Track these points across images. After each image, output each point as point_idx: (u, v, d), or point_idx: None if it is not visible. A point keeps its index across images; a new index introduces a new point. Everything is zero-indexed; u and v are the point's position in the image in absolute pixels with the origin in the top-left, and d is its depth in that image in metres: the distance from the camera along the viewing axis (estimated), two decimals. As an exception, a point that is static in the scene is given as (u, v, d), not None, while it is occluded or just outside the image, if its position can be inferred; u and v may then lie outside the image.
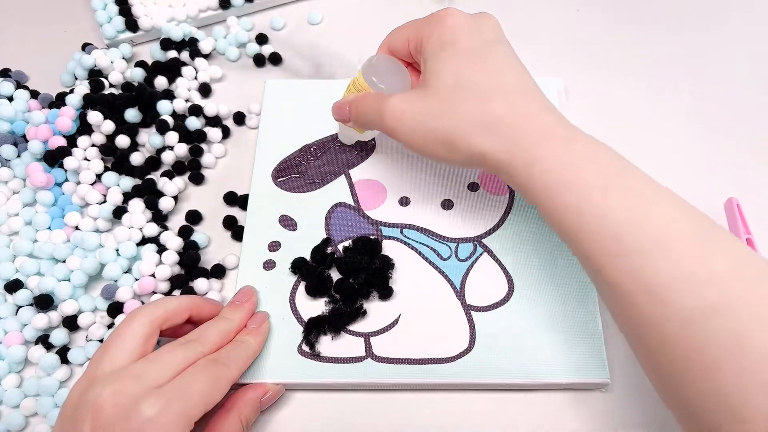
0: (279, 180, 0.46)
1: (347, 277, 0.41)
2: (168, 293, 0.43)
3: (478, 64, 0.34)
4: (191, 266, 0.44)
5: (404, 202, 0.45)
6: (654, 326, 0.28)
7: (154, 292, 0.43)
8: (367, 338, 0.39)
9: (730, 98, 0.51)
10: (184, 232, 0.45)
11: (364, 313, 0.40)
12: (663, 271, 0.27)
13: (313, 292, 0.41)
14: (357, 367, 0.38)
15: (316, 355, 0.39)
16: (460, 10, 0.36)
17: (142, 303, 0.42)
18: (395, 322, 0.40)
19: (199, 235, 0.45)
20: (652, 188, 0.30)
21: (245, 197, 0.46)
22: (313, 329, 0.39)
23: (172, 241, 0.44)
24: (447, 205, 0.45)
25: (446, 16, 0.35)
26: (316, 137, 0.48)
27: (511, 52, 0.36)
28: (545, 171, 0.31)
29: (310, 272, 0.41)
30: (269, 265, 0.42)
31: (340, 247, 0.43)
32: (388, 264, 0.41)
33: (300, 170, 0.46)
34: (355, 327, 0.40)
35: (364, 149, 0.47)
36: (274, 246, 0.43)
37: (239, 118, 0.51)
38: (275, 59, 0.54)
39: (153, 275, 0.43)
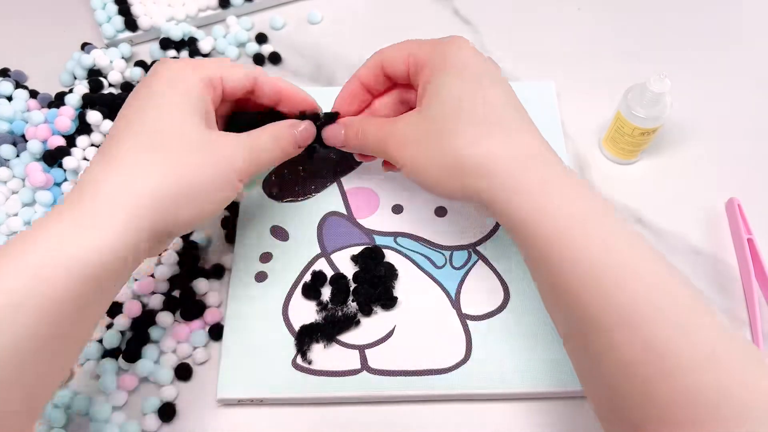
0: (273, 192, 0.45)
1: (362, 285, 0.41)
2: (167, 293, 0.43)
3: (480, 95, 0.33)
4: (191, 266, 0.44)
5: (397, 209, 0.44)
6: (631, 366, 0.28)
7: (153, 293, 0.43)
8: (362, 350, 0.39)
9: (731, 98, 0.51)
10: (184, 233, 0.45)
11: (358, 322, 0.40)
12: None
13: (336, 298, 0.41)
14: (352, 379, 0.38)
15: (310, 369, 0.38)
16: (468, 40, 0.36)
17: (142, 303, 0.42)
18: (390, 334, 0.40)
19: (198, 235, 0.45)
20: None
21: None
22: (306, 336, 0.39)
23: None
24: (441, 212, 0.44)
25: (456, 42, 0.35)
26: None
27: (511, 91, 0.35)
28: (549, 219, 0.30)
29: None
30: (261, 276, 0.42)
31: (335, 257, 0.42)
32: (392, 273, 0.41)
33: (296, 189, 0.45)
34: (349, 339, 0.40)
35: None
36: (266, 257, 0.43)
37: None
38: (275, 59, 0.54)
39: (152, 275, 0.43)
